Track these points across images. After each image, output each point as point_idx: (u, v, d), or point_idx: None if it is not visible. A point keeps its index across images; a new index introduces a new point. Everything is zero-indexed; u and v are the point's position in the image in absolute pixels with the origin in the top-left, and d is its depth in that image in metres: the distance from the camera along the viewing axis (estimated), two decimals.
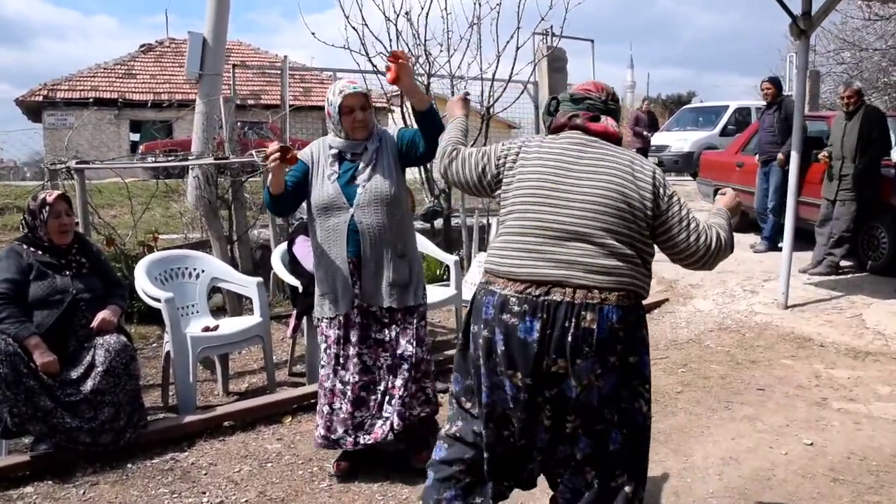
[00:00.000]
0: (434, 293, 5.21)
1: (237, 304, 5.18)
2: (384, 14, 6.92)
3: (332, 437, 3.08)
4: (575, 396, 1.99)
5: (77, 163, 4.20)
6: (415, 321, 3.07)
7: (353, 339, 3.05)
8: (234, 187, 5.79)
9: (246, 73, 21.22)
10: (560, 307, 1.94)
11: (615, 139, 2.19)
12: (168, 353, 3.84)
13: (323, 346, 3.13)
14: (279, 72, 9.78)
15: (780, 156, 7.19)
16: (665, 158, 13.73)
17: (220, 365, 4.28)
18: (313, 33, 6.52)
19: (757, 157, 7.61)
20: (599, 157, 2.11)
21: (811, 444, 3.43)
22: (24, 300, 3.28)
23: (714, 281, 6.57)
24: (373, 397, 3.08)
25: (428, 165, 7.68)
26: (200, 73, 9.16)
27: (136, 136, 21.73)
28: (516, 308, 1.98)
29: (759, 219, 7.80)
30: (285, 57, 8.80)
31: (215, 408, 3.81)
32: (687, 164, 13.67)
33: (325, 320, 3.11)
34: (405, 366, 3.03)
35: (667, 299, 6.29)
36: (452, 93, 7.63)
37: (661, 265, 7.22)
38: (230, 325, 4.15)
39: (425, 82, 7.27)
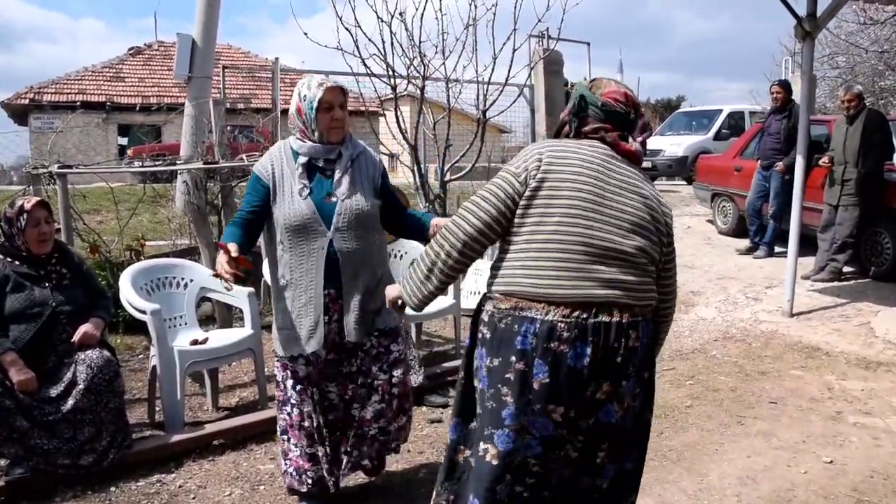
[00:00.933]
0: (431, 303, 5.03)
1: (227, 315, 4.98)
2: (377, 15, 6.75)
3: (308, 481, 2.78)
4: (615, 422, 1.88)
5: (59, 167, 4.00)
6: (388, 343, 2.74)
7: (318, 377, 2.70)
8: (223, 192, 5.60)
9: (236, 76, 21.01)
10: (610, 329, 1.81)
11: (636, 160, 2.04)
12: (154, 367, 3.65)
13: (285, 384, 2.74)
14: (269, 75, 9.62)
15: (780, 165, 7.08)
16: (659, 163, 13.62)
17: (209, 379, 4.09)
18: (306, 34, 6.36)
19: (759, 161, 7.49)
20: (628, 174, 1.97)
21: (830, 461, 3.28)
22: (0, 314, 3.09)
23: (715, 288, 6.44)
24: (348, 432, 2.77)
25: (423, 169, 7.56)
26: (189, 75, 8.97)
27: (124, 140, 21.45)
28: (566, 334, 1.80)
29: (748, 219, 7.67)
30: (276, 59, 8.62)
31: (204, 425, 3.62)
32: (681, 168, 13.57)
33: (285, 358, 2.70)
34: (375, 397, 2.72)
35: None
36: (448, 97, 7.48)
37: None
38: (220, 337, 3.96)
39: (420, 85, 7.12)
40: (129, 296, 3.70)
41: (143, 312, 3.56)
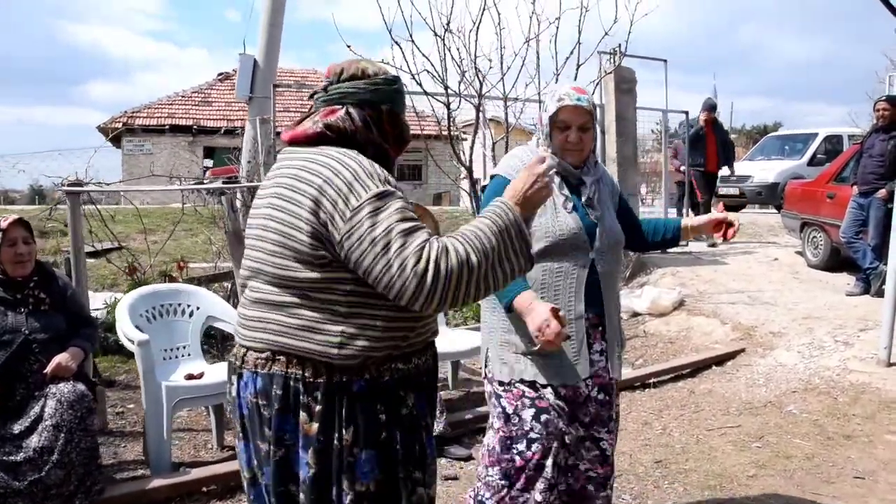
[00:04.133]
0: (465, 339, 4.58)
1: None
2: (432, 29, 6.42)
3: None
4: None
5: (69, 184, 3.82)
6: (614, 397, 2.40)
7: (570, 411, 2.28)
8: None
9: (301, 96, 21.37)
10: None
11: (311, 143, 1.61)
12: None
13: (520, 415, 2.22)
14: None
15: (883, 191, 6.26)
16: (747, 189, 12.74)
17: (213, 415, 3.77)
18: (349, 46, 6.07)
19: (855, 187, 6.66)
20: (276, 175, 1.64)
21: None
22: None
23: (799, 329, 5.67)
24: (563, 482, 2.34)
25: (477, 187, 7.12)
26: (250, 95, 8.92)
27: (209, 162, 22.12)
28: None
29: (849, 249, 6.81)
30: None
31: (191, 469, 3.28)
32: (771, 195, 12.60)
33: (546, 387, 2.23)
34: (594, 452, 2.34)
35: (743, 350, 5.44)
36: (506, 115, 7.06)
37: (738, 308, 6.45)
38: (220, 372, 3.64)
39: (476, 103, 6.74)
40: (123, 323, 3.43)
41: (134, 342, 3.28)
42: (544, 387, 2.22)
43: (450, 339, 4.60)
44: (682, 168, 9.58)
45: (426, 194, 20.69)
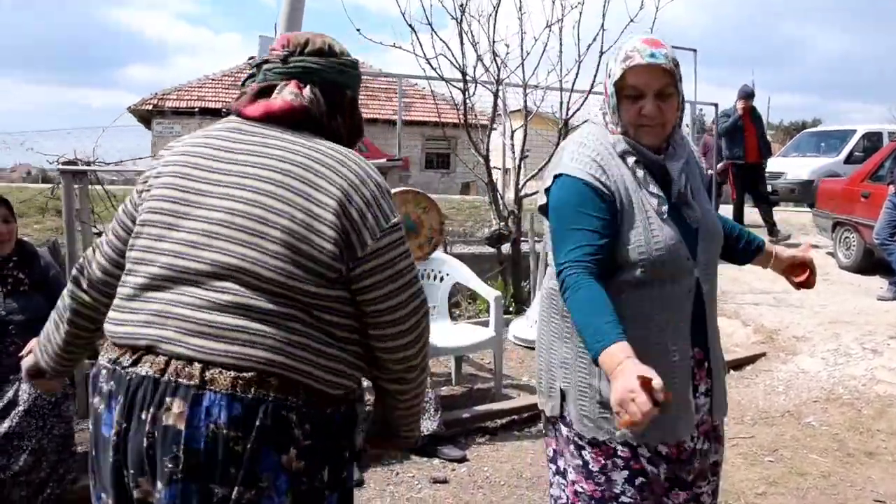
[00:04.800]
0: (467, 333, 4.42)
1: None
2: (450, 13, 6.23)
3: None
4: None
5: (63, 163, 3.72)
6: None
7: (669, 473, 1.74)
8: None
9: None
10: (145, 387, 1.24)
11: (277, 120, 1.38)
12: None
13: (609, 476, 1.72)
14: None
15: None
16: (780, 186, 12.35)
17: None
18: (358, 30, 5.94)
19: (891, 186, 6.33)
20: (250, 150, 1.35)
21: None
22: None
23: (825, 334, 5.40)
24: None
25: (495, 180, 6.90)
26: None
27: None
28: (104, 386, 1.30)
29: (882, 250, 6.48)
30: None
31: None
32: (805, 193, 12.17)
33: (642, 446, 1.71)
34: None
35: (764, 354, 5.19)
36: (525, 102, 6.84)
37: (762, 309, 6.19)
38: None
39: (493, 90, 6.53)
40: None
41: None
42: (640, 446, 1.70)
43: (454, 332, 4.46)
44: (714, 167, 9.10)
45: (454, 183, 20.50)
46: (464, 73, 6.31)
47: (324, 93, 1.41)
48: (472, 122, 6.61)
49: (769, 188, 12.22)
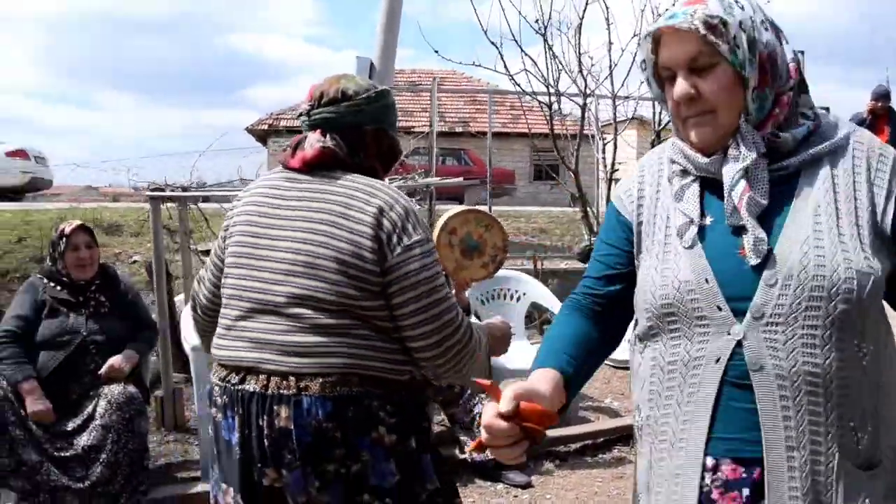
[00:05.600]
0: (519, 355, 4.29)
1: None
2: (534, 28, 6.18)
3: None
4: None
5: (152, 189, 3.99)
6: None
7: None
8: None
9: (455, 100, 21.59)
10: (253, 399, 1.55)
11: (312, 168, 1.64)
12: None
13: None
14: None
15: None
16: None
17: None
18: (437, 51, 6.04)
19: None
20: (298, 196, 1.63)
21: None
22: (32, 339, 3.02)
23: None
24: None
25: (585, 192, 6.76)
26: None
27: None
28: (219, 399, 1.62)
29: None
30: (434, 79, 8.38)
31: None
32: None
33: None
34: None
35: None
36: (614, 115, 6.66)
37: None
38: None
39: (581, 103, 6.41)
40: (186, 326, 3.51)
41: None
42: None
43: (529, 354, 4.37)
44: None
45: (563, 195, 20.26)
46: (548, 87, 6.24)
47: (343, 136, 1.66)
48: (564, 132, 6.53)
49: None
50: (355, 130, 1.67)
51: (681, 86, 1.14)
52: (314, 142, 1.63)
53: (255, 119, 22.92)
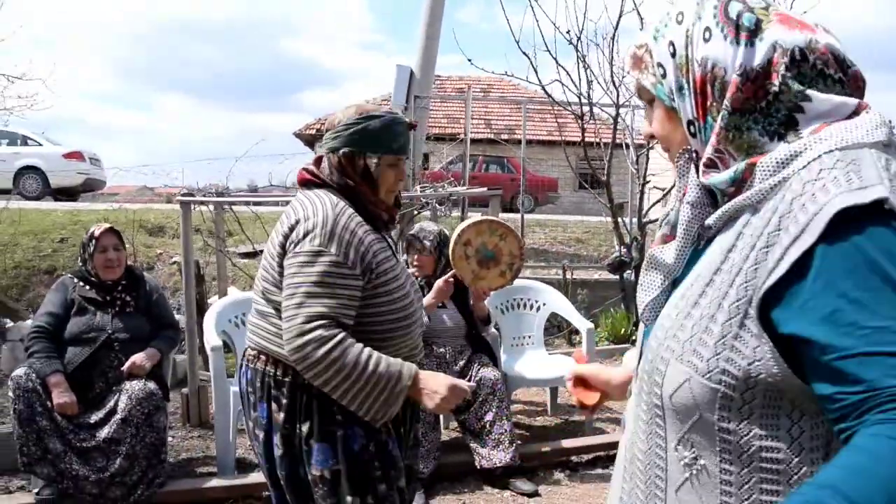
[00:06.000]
0: (560, 364, 4.31)
1: None
2: (566, 39, 6.18)
3: None
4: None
5: (183, 194, 4.16)
6: None
7: None
8: (401, 224, 5.42)
9: (502, 107, 21.62)
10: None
11: (313, 182, 1.94)
12: None
13: None
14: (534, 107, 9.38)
15: None
16: None
17: None
18: (470, 60, 6.05)
19: None
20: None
21: None
22: (61, 335, 3.20)
23: None
24: None
25: (622, 202, 6.72)
26: (405, 105, 9.20)
27: None
28: None
29: None
30: (468, 87, 8.43)
31: (249, 473, 3.41)
32: None
33: None
34: None
35: None
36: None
37: None
38: None
39: (613, 114, 6.38)
40: (208, 327, 3.65)
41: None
42: None
43: (547, 363, 4.40)
44: None
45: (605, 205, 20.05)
46: (580, 97, 6.24)
47: (329, 160, 1.93)
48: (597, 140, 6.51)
49: None
50: (333, 154, 1.92)
51: (644, 122, 1.09)
52: (307, 165, 1.97)
53: (303, 124, 23.29)
